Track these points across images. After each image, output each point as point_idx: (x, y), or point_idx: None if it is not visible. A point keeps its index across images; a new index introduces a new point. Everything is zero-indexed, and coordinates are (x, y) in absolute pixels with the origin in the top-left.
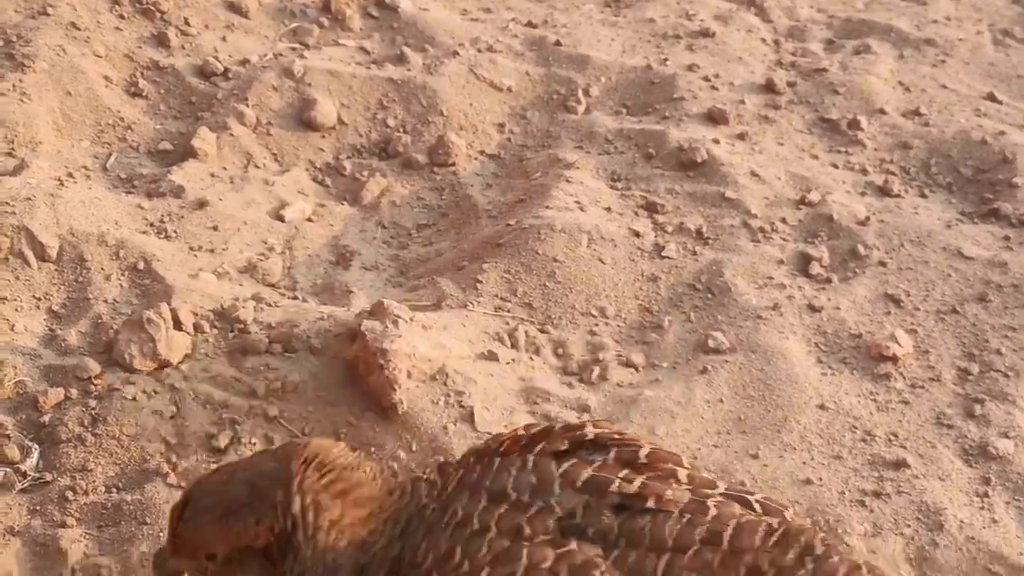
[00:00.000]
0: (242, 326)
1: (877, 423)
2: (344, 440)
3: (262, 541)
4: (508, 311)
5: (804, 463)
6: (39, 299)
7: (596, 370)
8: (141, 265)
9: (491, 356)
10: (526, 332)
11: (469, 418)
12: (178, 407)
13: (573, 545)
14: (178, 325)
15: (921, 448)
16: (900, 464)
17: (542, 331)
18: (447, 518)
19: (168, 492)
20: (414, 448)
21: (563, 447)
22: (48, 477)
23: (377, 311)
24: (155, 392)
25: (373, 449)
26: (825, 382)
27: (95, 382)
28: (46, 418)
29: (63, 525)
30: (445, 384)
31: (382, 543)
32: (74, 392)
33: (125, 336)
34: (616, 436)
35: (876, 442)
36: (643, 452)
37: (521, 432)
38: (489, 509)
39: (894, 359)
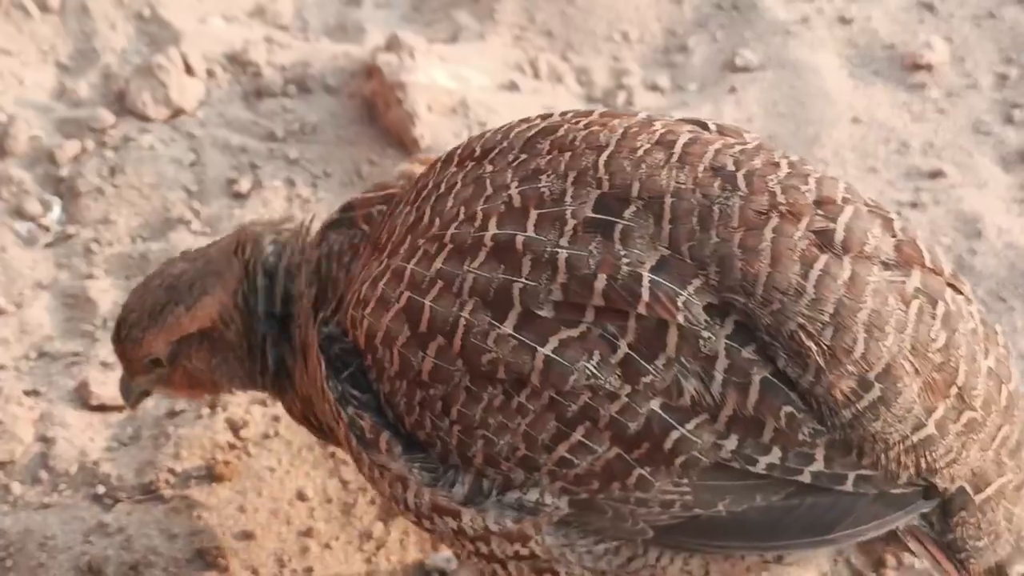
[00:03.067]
0: (255, 69)
1: (912, 134)
2: (367, 179)
3: (198, 324)
4: (528, 40)
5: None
6: (45, 52)
7: (621, 96)
8: (147, 12)
9: (512, 86)
10: (547, 61)
11: None
12: (197, 154)
13: (531, 163)
14: (190, 71)
15: (958, 157)
16: (936, 174)
17: (564, 59)
18: (405, 201)
19: (194, 239)
20: None
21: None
22: (71, 230)
23: (392, 45)
24: (172, 140)
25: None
26: (858, 95)
27: (110, 133)
28: (64, 171)
29: (90, 276)
30: (467, 116)
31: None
32: (90, 144)
33: (137, 84)
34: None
35: (911, 153)
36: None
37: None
38: (452, 174)
39: (928, 67)
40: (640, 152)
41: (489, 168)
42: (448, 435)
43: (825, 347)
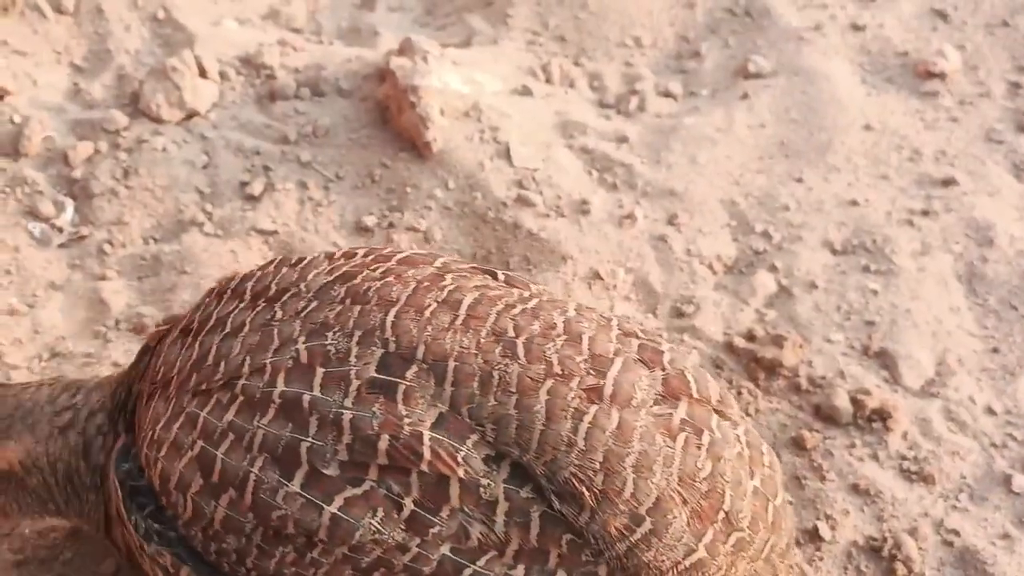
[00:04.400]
0: (268, 72)
1: (925, 141)
2: (379, 183)
3: (3, 462)
4: (541, 45)
5: (850, 184)
6: (59, 53)
7: (634, 101)
8: (161, 14)
9: (525, 91)
10: (560, 66)
11: (505, 154)
12: (209, 156)
13: (320, 314)
14: (203, 73)
15: (970, 165)
16: (948, 182)
17: (576, 64)
18: (187, 341)
19: (206, 241)
20: (450, 186)
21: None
22: (85, 231)
23: (406, 49)
24: (185, 142)
25: (409, 190)
26: (870, 102)
27: (123, 134)
28: (77, 173)
29: (103, 278)
30: (479, 120)
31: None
32: (103, 145)
33: (151, 86)
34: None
35: (924, 161)
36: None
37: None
38: (240, 311)
39: (941, 76)
40: (427, 313)
41: (279, 314)
42: None
43: (597, 491)
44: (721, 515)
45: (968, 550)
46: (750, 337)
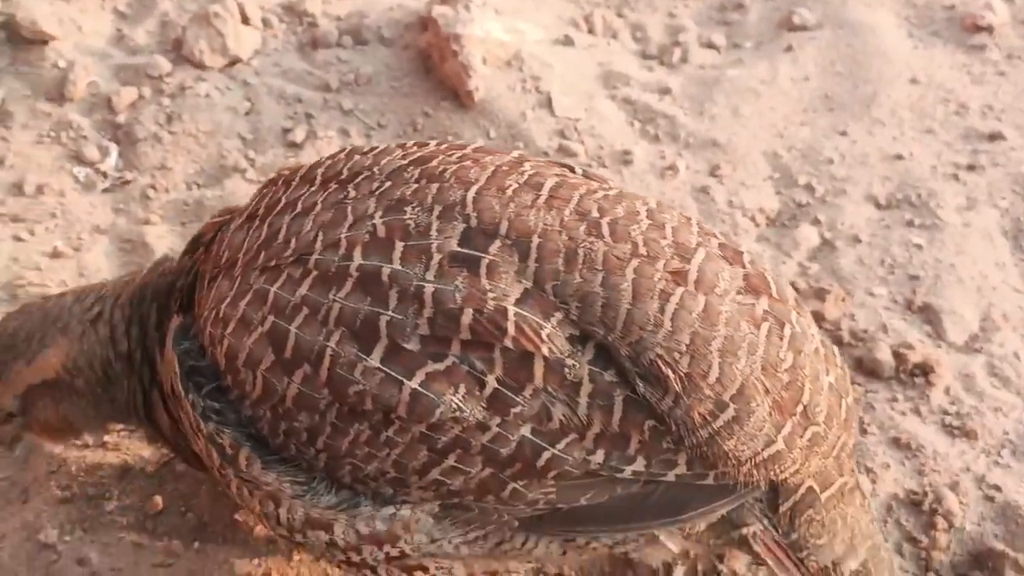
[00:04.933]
0: (311, 19)
1: (971, 95)
2: (421, 131)
3: (41, 376)
4: None
5: (894, 138)
6: None
7: (676, 52)
8: None
9: (568, 41)
10: (603, 16)
11: (547, 104)
12: (252, 103)
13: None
14: (246, 20)
15: (1018, 119)
16: (995, 136)
17: (619, 15)
18: (253, 224)
19: (248, 186)
20: (492, 135)
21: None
22: (128, 176)
23: None
24: (228, 88)
25: (451, 138)
26: (916, 55)
27: (167, 80)
28: (121, 118)
29: (147, 222)
30: (521, 70)
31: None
32: (147, 91)
33: (193, 32)
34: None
35: (970, 115)
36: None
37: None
38: (311, 194)
39: (989, 29)
40: (509, 192)
41: (352, 194)
42: (315, 460)
43: (683, 373)
44: (800, 408)
45: (1009, 505)
46: (792, 290)
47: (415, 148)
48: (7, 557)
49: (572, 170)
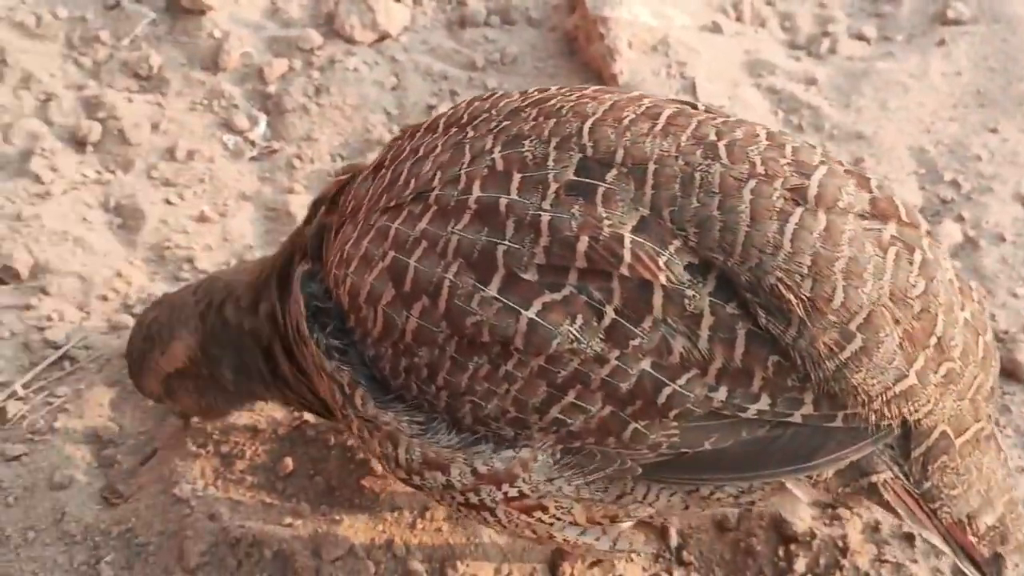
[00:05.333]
0: None
1: None
2: None
3: (174, 365)
4: None
5: None
6: None
7: (825, 43)
8: None
9: (715, 28)
10: (752, 4)
11: (691, 89)
12: (398, 78)
13: (513, 128)
14: None
15: None
16: None
17: (768, 3)
18: (379, 173)
19: None
20: None
21: None
22: (276, 146)
23: None
24: (376, 63)
25: None
26: None
27: (317, 53)
28: (271, 88)
29: (291, 191)
30: (667, 55)
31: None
32: (297, 63)
33: (346, 7)
34: None
35: None
36: None
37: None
38: (432, 139)
39: None
40: (625, 122)
41: (470, 134)
42: (436, 399)
43: (805, 298)
44: (933, 340)
45: None
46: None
47: (535, 92)
48: (143, 508)
49: (694, 107)
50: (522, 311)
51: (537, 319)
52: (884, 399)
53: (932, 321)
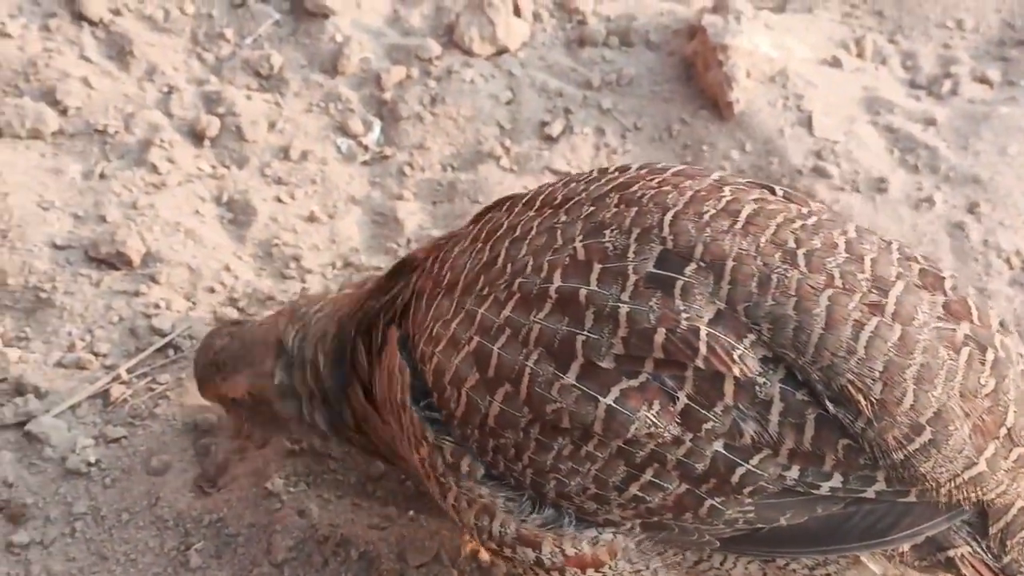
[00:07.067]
0: (581, 17)
1: None
2: (676, 138)
3: (232, 394)
4: (857, 18)
5: None
6: None
7: (947, 84)
8: None
9: (835, 63)
10: (874, 41)
11: (807, 123)
12: (514, 93)
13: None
14: (518, 12)
15: None
16: None
17: (891, 41)
18: (476, 247)
19: (501, 175)
20: (747, 149)
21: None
22: (388, 152)
23: (720, 6)
24: (492, 76)
25: (705, 148)
26: None
27: (435, 63)
28: (388, 95)
29: (400, 198)
30: (784, 87)
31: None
32: (415, 72)
33: (466, 19)
34: None
35: None
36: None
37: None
38: (529, 219)
39: None
40: (706, 217)
41: (564, 218)
42: (522, 475)
43: (875, 400)
44: (1003, 431)
45: None
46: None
47: (617, 174)
48: (235, 499)
49: (773, 191)
50: (600, 398)
51: (615, 405)
52: (954, 484)
53: (1002, 415)
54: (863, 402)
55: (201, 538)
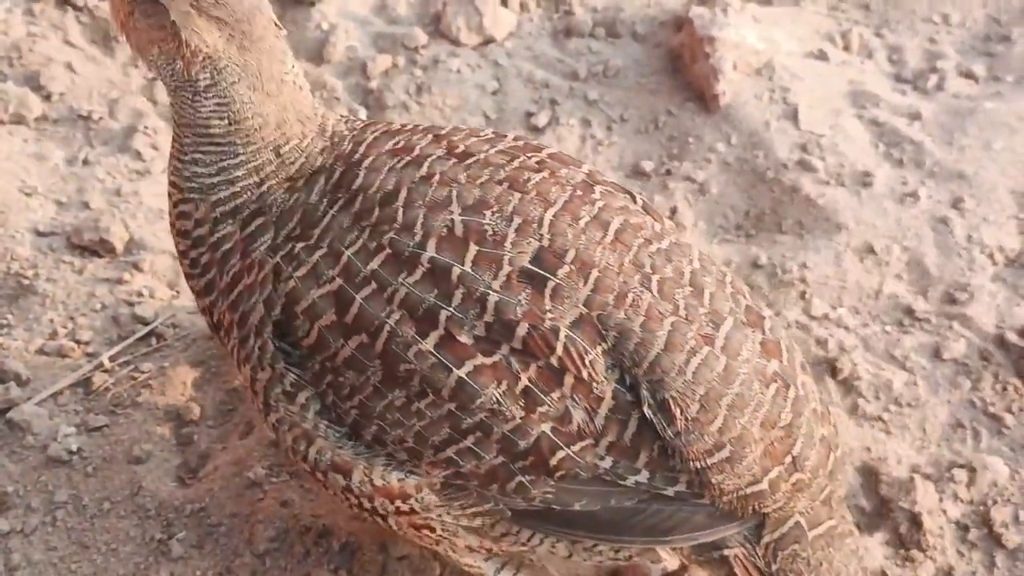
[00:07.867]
0: (567, 7)
1: None
2: (662, 129)
3: None
4: (843, 12)
5: None
6: None
7: (932, 78)
8: None
9: (821, 56)
10: (860, 34)
11: (792, 116)
12: (500, 83)
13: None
14: (505, 2)
15: None
16: None
17: (877, 35)
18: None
19: None
20: (733, 142)
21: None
22: None
23: None
24: (479, 66)
25: (691, 140)
26: None
27: (421, 52)
28: (373, 84)
29: None
30: (770, 79)
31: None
32: (401, 61)
33: (453, 9)
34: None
35: None
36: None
37: None
38: (436, 157)
39: None
40: (581, 223)
41: (462, 178)
42: (346, 414)
43: (690, 417)
44: (789, 458)
45: None
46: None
47: (513, 141)
48: (217, 488)
49: (634, 199)
50: (454, 369)
51: (467, 379)
52: (736, 495)
53: (792, 444)
54: (679, 416)
55: (183, 527)
